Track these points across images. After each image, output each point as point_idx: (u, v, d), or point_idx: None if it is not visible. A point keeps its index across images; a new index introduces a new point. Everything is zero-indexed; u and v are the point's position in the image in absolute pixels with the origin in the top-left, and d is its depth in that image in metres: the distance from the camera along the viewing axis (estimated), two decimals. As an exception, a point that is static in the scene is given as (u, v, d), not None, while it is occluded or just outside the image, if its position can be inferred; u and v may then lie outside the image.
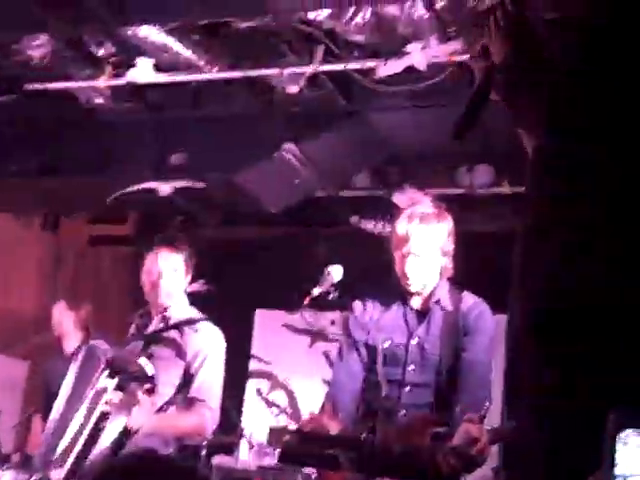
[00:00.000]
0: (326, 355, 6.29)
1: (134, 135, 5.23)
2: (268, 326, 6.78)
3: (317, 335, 6.41)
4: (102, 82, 4.73)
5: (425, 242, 3.39)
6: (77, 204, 6.08)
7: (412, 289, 3.42)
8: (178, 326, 3.87)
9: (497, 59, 1.88)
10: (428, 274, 3.42)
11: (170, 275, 3.92)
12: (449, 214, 3.49)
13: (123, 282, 6.73)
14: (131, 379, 3.55)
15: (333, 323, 5.84)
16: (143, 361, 3.61)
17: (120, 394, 3.50)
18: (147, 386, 3.57)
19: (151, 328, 3.94)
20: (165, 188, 5.26)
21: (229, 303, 6.43)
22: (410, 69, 4.38)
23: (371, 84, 4.49)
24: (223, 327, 4.01)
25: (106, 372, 3.55)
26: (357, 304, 3.54)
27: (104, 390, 3.52)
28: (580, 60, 1.76)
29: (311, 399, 5.93)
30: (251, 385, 6.67)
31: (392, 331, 3.43)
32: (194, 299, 4.09)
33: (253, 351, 6.78)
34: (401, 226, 3.41)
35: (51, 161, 5.45)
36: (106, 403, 3.47)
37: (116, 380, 3.52)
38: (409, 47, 4.19)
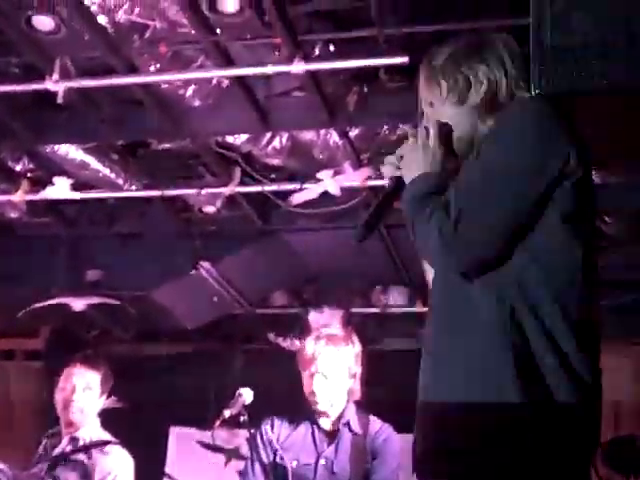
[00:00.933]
0: (241, 474, 6.19)
1: (49, 250, 5.19)
2: (182, 444, 6.63)
3: (231, 453, 6.29)
4: (18, 197, 4.71)
5: (332, 363, 3.49)
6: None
7: (320, 408, 3.48)
8: (87, 448, 3.79)
9: (406, 179, 1.98)
10: (335, 394, 3.49)
11: (84, 392, 3.87)
12: (356, 337, 3.60)
13: (32, 399, 6.54)
14: None
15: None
16: None
17: None
18: None
19: (58, 450, 3.84)
20: (79, 303, 5.20)
21: (143, 420, 6.30)
22: (325, 192, 4.49)
23: (287, 207, 4.59)
24: (136, 445, 3.94)
25: None
26: (265, 423, 3.58)
27: None
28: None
29: (225, 520, 5.78)
30: (163, 505, 6.48)
31: (299, 451, 3.47)
32: (106, 416, 4.02)
33: (167, 470, 6.60)
34: (309, 346, 3.51)
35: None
36: None
37: None
38: (321, 174, 4.31)
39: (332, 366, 3.48)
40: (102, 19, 3.53)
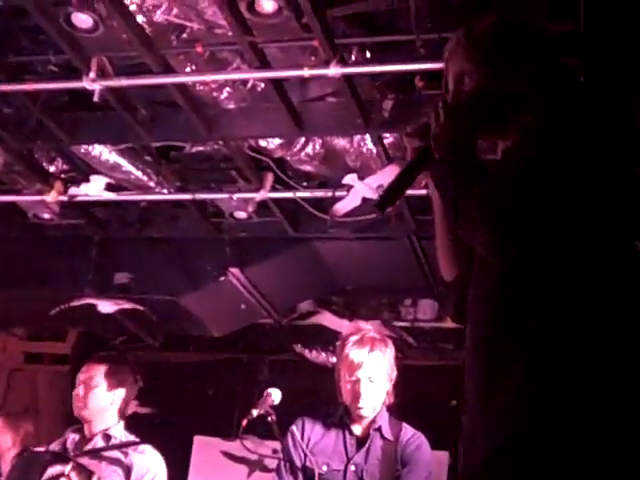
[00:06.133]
0: (276, 472, 6.13)
1: (79, 251, 5.19)
2: (206, 454, 6.62)
3: (256, 464, 6.26)
4: (51, 198, 4.72)
5: (378, 367, 3.47)
6: (15, 319, 5.97)
7: (364, 413, 3.46)
8: (121, 447, 3.80)
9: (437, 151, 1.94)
10: (378, 398, 3.48)
11: (85, 386, 3.89)
12: (390, 341, 3.58)
13: (59, 401, 6.56)
14: (81, 467, 3.65)
15: (275, 452, 5.71)
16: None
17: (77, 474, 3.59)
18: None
19: (89, 446, 3.86)
20: (107, 306, 5.20)
21: (168, 427, 6.29)
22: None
23: (332, 218, 4.54)
24: (160, 452, 3.93)
25: (57, 465, 3.61)
26: (296, 427, 3.56)
27: (61, 474, 3.61)
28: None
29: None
30: (186, 515, 6.47)
31: (330, 456, 3.45)
32: (132, 421, 4.02)
33: (190, 479, 6.60)
34: (354, 352, 3.46)
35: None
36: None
37: (71, 464, 3.61)
38: (346, 179, 4.27)
39: (378, 370, 3.47)
40: (140, 18, 3.55)
